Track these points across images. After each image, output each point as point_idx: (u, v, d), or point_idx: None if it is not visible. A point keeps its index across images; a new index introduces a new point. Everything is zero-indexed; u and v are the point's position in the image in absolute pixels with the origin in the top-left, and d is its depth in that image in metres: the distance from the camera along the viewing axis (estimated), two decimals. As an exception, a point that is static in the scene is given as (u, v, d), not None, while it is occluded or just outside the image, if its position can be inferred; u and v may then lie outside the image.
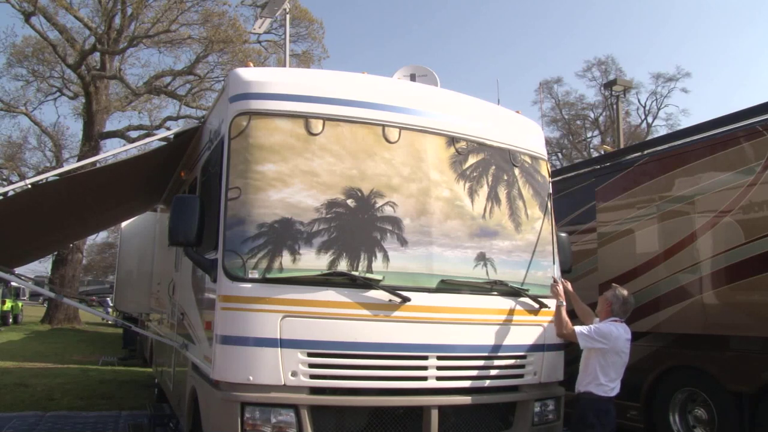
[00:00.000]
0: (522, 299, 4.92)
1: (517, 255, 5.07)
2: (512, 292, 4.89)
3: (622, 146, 19.42)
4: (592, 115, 40.78)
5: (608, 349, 4.78)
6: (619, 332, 4.82)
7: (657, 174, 7.28)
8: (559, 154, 40.51)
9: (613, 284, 5.17)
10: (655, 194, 7.25)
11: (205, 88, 27.39)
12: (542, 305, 5.00)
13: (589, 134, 41.47)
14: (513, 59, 78.14)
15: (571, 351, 5.19)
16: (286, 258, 4.22)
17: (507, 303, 4.86)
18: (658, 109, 39.07)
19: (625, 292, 4.98)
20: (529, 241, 5.20)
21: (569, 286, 5.34)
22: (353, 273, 4.32)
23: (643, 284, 7.09)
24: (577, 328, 4.87)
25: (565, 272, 5.54)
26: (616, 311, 4.93)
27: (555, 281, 5.15)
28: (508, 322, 4.82)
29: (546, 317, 5.05)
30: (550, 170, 5.81)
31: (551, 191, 5.64)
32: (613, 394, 4.84)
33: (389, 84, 5.39)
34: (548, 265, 5.30)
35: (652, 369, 6.98)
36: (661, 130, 37.73)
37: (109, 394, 10.58)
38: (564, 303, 5.05)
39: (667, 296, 6.86)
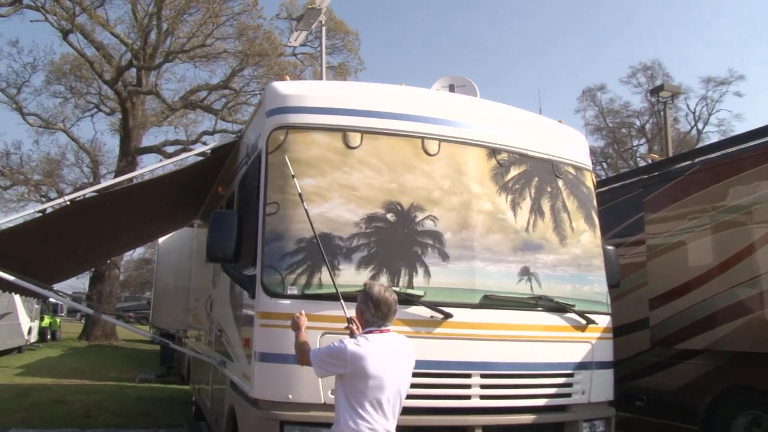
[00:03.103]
0: (568, 315, 4.88)
1: (562, 269, 5.03)
2: (558, 307, 4.84)
3: (670, 154, 19.02)
4: (638, 123, 40.06)
5: (351, 373, 3.36)
6: (370, 347, 3.39)
7: (710, 183, 7.11)
8: (604, 164, 39.85)
9: (364, 282, 3.77)
10: (708, 204, 7.07)
11: (241, 102, 27.88)
12: (589, 321, 4.95)
13: (635, 143, 40.72)
14: (554, 67, 77.38)
15: (625, 368, 5.07)
16: (324, 274, 4.26)
17: (552, 319, 4.82)
18: (709, 114, 38.10)
19: (377, 289, 3.57)
20: (574, 254, 5.15)
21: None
22: (393, 288, 4.32)
23: (697, 299, 6.91)
24: (312, 351, 3.62)
25: (613, 287, 5.46)
26: (371, 319, 3.55)
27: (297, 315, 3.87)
28: (553, 339, 4.78)
29: (594, 334, 4.98)
30: (595, 181, 5.76)
31: (597, 203, 5.58)
32: None
33: (428, 95, 5.43)
34: (595, 279, 5.23)
35: (709, 390, 6.75)
36: (712, 136, 36.75)
37: (146, 411, 10.76)
38: (303, 331, 3.78)
39: (725, 312, 6.65)
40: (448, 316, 4.35)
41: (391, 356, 3.44)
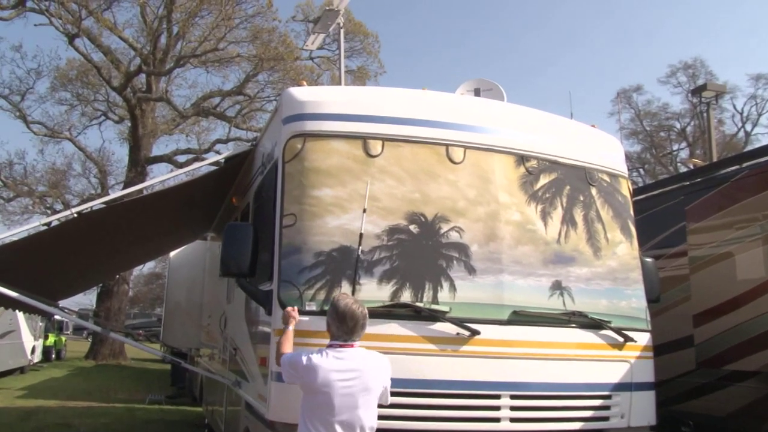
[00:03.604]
0: (604, 332, 4.86)
1: (596, 283, 5.03)
2: (593, 324, 4.83)
3: (715, 159, 18.79)
4: (678, 126, 39.63)
5: (302, 385, 3.63)
6: (324, 361, 3.56)
7: (761, 189, 7.02)
8: (641, 170, 39.47)
9: (333, 295, 4.05)
10: (758, 212, 6.98)
11: (256, 108, 28.10)
12: (627, 338, 4.91)
13: (676, 147, 40.29)
14: (586, 68, 77.08)
15: (668, 390, 5.01)
16: (345, 289, 4.32)
17: (587, 336, 4.81)
18: (759, 115, 37.52)
19: (343, 302, 3.72)
20: (609, 267, 5.14)
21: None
22: (417, 304, 4.39)
23: (748, 315, 6.79)
24: (283, 355, 3.85)
25: (653, 301, 5.42)
26: (336, 333, 3.70)
27: (289, 309, 4.20)
28: (589, 358, 4.76)
29: (632, 352, 4.95)
30: (631, 188, 5.74)
31: (633, 212, 5.56)
32: None
33: (452, 100, 5.47)
34: (633, 294, 5.21)
35: (766, 416, 6.61)
36: (762, 138, 36.23)
37: (157, 435, 10.87)
38: (290, 328, 4.08)
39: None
40: (475, 333, 4.37)
41: (345, 373, 3.54)
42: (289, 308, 4.20)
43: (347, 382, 3.55)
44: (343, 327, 3.66)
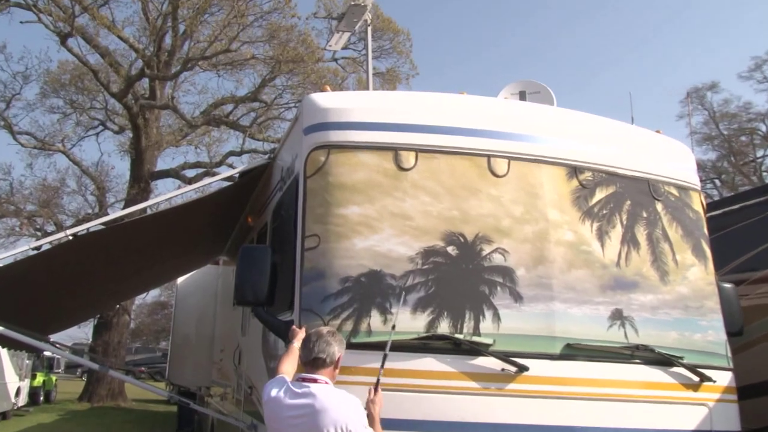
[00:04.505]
0: (675, 370, 4.83)
1: (664, 312, 5.01)
2: (661, 360, 4.81)
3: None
4: (763, 128, 38.98)
5: (265, 417, 3.89)
6: (279, 395, 3.77)
7: None
8: (717, 181, 38.82)
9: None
10: None
11: (273, 116, 28.29)
12: (704, 378, 4.87)
13: (760, 153, 39.58)
14: (650, 67, 76.45)
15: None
16: (375, 319, 4.40)
17: (655, 374, 4.78)
18: None
19: (314, 332, 3.97)
20: (679, 294, 5.13)
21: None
22: (457, 336, 4.43)
23: None
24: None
25: (734, 334, 5.37)
26: (305, 363, 3.90)
27: (295, 327, 4.41)
28: (657, 400, 4.73)
29: (711, 394, 4.90)
30: (705, 203, 5.72)
31: (707, 229, 5.54)
32: None
33: (494, 105, 5.55)
34: (709, 325, 5.17)
35: None
36: None
37: (163, 487, 10.94)
38: (296, 344, 4.22)
39: None
40: (522, 369, 4.40)
41: (297, 409, 3.68)
42: (295, 326, 4.36)
43: (296, 420, 3.68)
44: (306, 357, 3.88)
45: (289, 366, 4.12)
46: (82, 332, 38.67)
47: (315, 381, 3.79)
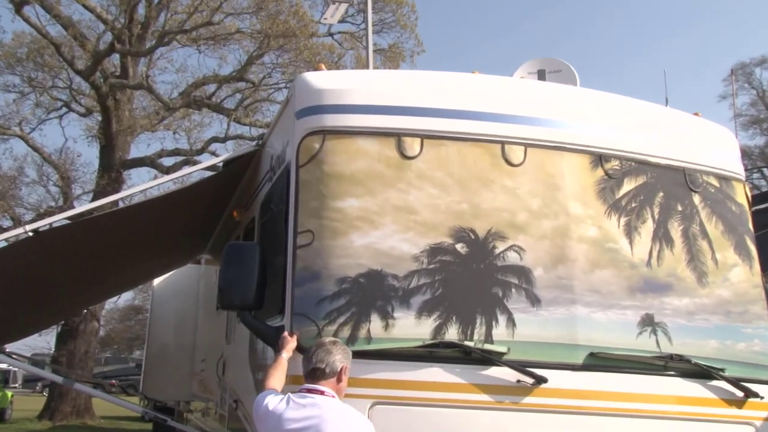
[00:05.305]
0: (715, 383, 4.84)
1: (702, 318, 5.04)
2: (699, 372, 4.82)
3: None
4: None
5: (260, 429, 4.01)
6: (280, 408, 3.87)
7: None
8: (766, 170, 38.73)
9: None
10: None
11: (262, 98, 28.06)
12: (750, 393, 4.87)
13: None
14: (686, 40, 75.97)
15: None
16: (375, 324, 4.44)
17: (691, 388, 4.80)
18: None
19: (315, 342, 4.13)
20: (720, 297, 5.16)
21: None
22: (467, 343, 4.46)
23: None
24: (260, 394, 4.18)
25: None
26: (306, 375, 4.04)
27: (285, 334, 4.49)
28: (694, 417, 4.74)
29: (758, 412, 4.90)
30: (750, 194, 5.74)
31: (753, 225, 5.58)
32: None
33: (509, 85, 5.60)
34: (754, 333, 5.20)
35: None
36: None
37: None
38: (285, 356, 4.33)
39: None
40: (541, 380, 4.42)
41: (300, 422, 3.77)
42: (286, 333, 4.40)
43: (303, 426, 3.78)
44: (305, 359, 4.05)
45: (277, 380, 4.18)
46: (43, 341, 38.42)
47: (321, 393, 3.90)
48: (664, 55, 75.24)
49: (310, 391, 3.92)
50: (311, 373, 3.97)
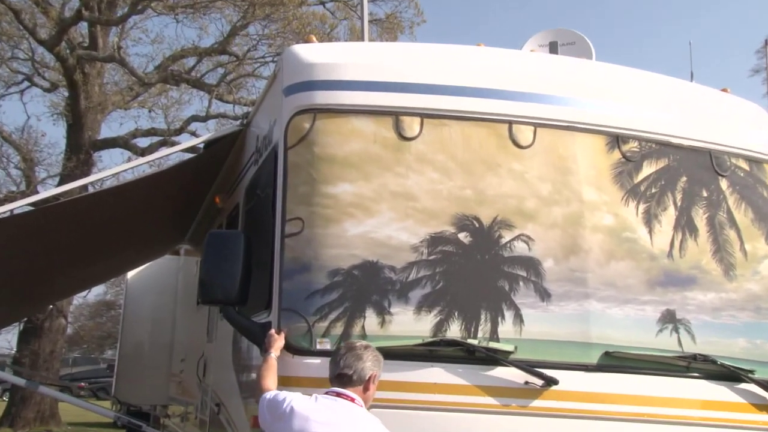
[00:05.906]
0: (743, 386, 4.87)
1: (730, 315, 5.07)
2: (725, 373, 4.85)
3: None
4: None
5: (279, 429, 4.02)
6: (309, 406, 3.94)
7: None
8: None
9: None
10: None
11: (246, 73, 27.87)
12: None
13: None
14: (714, 13, 75.63)
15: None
16: (370, 320, 4.48)
17: (717, 391, 4.82)
18: None
19: (343, 345, 4.22)
20: (749, 292, 5.19)
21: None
22: (470, 341, 4.49)
23: None
24: (263, 395, 4.22)
25: None
26: (332, 379, 4.09)
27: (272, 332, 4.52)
28: (719, 423, 4.77)
29: None
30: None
31: None
32: None
33: (518, 60, 5.62)
34: (788, 331, 5.21)
35: None
36: None
37: None
38: (273, 355, 4.39)
39: None
40: (551, 382, 4.45)
41: (328, 426, 3.81)
42: (272, 330, 4.42)
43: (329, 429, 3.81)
44: (333, 373, 4.04)
45: (271, 382, 4.20)
46: (3, 340, 38.46)
47: (352, 400, 3.93)
48: (693, 30, 74.94)
49: (339, 395, 3.95)
50: (337, 379, 4.01)
